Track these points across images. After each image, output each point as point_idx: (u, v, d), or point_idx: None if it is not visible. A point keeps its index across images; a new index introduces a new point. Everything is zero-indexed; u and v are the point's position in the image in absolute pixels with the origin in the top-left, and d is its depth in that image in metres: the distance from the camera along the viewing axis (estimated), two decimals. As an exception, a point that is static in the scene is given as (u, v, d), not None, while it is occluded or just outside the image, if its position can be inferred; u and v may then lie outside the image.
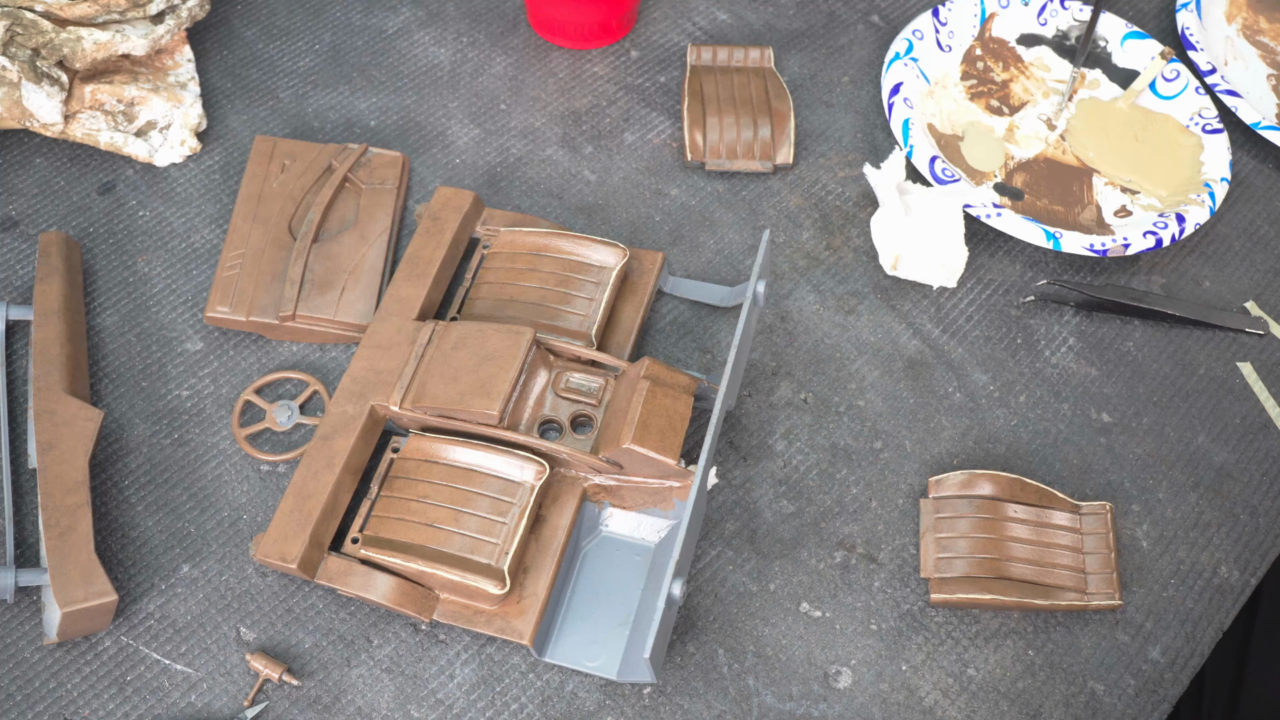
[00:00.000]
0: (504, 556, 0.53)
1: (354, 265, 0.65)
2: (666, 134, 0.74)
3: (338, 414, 0.58)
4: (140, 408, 0.62)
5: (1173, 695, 0.56)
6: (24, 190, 0.70)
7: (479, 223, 0.67)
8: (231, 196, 0.70)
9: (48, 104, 0.66)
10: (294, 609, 0.57)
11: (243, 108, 0.74)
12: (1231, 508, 0.61)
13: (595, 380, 0.58)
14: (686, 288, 0.67)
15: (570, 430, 0.58)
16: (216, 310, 0.63)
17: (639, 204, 0.71)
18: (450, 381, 0.57)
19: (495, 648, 0.56)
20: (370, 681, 0.55)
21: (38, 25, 0.66)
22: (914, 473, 0.62)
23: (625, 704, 0.55)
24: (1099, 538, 0.58)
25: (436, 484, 0.55)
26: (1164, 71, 0.76)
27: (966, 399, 0.64)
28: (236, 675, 0.55)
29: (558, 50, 0.78)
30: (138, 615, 0.56)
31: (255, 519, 0.59)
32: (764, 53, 0.75)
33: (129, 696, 0.54)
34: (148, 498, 0.59)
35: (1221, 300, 0.69)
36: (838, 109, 0.76)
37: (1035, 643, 0.57)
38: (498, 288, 0.63)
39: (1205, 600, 0.58)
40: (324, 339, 0.64)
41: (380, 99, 0.75)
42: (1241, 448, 0.63)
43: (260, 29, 0.78)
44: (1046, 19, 0.80)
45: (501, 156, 0.73)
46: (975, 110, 0.77)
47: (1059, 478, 0.62)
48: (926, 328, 0.66)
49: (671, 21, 0.80)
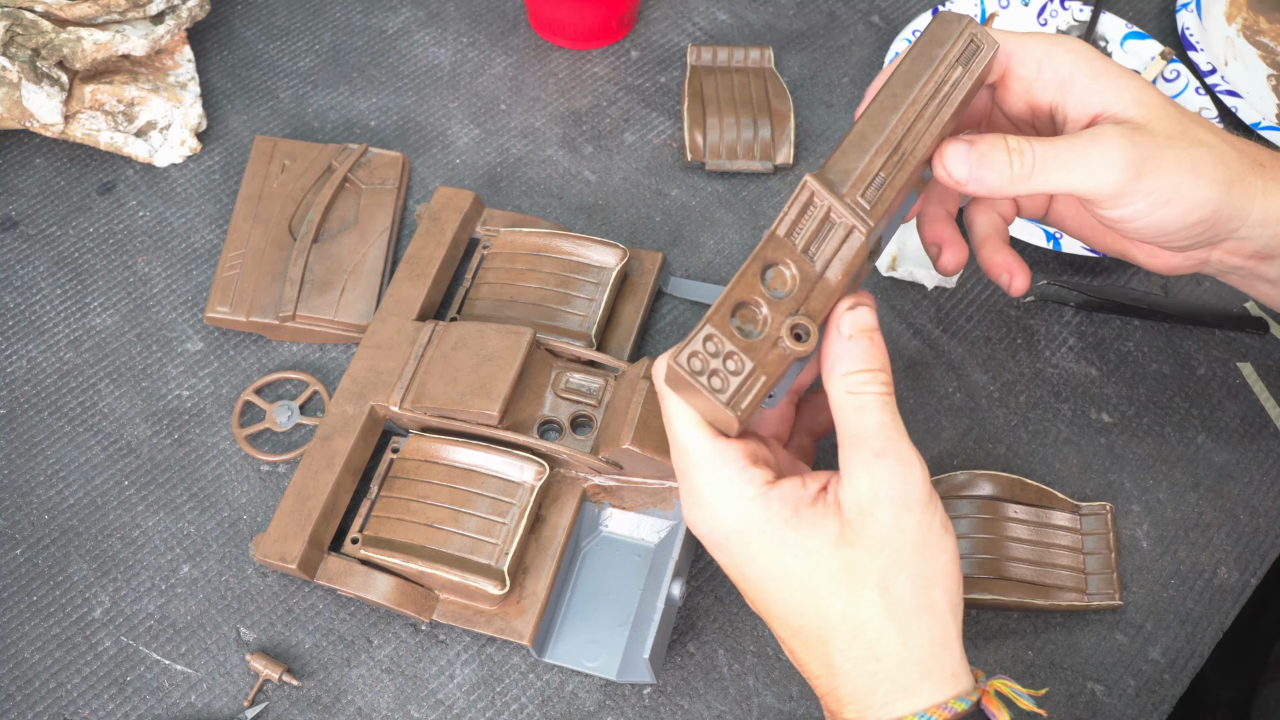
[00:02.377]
0: (504, 557, 0.53)
1: (354, 265, 0.65)
2: (666, 134, 0.74)
3: (338, 414, 0.58)
4: (140, 408, 0.62)
5: (1173, 695, 0.56)
6: (24, 190, 0.70)
7: (479, 223, 0.67)
8: (231, 196, 0.70)
9: (48, 104, 0.66)
10: (294, 609, 0.57)
11: (243, 108, 0.74)
12: (1231, 508, 0.61)
13: (595, 381, 0.58)
14: (686, 288, 0.67)
15: (570, 431, 0.58)
16: (216, 310, 0.63)
17: (639, 204, 0.71)
18: (450, 382, 0.57)
19: (495, 648, 0.56)
20: (370, 681, 0.55)
21: (38, 25, 0.66)
22: (914, 473, 0.62)
23: (625, 704, 0.55)
24: (1099, 538, 0.58)
25: (436, 484, 0.55)
26: (1164, 71, 0.76)
27: (966, 399, 0.64)
28: (236, 675, 0.55)
29: (558, 50, 0.78)
30: (138, 615, 0.56)
31: (255, 519, 0.59)
32: (764, 53, 0.75)
33: (129, 696, 0.54)
34: (148, 498, 0.60)
35: (1221, 300, 0.69)
36: (838, 109, 0.76)
37: (1035, 643, 0.57)
38: (498, 288, 0.63)
39: (1205, 600, 0.58)
40: (324, 339, 0.64)
41: (380, 99, 0.75)
42: (1241, 448, 0.63)
43: (260, 29, 0.78)
44: (1046, 19, 0.80)
45: (501, 157, 0.73)
46: (975, 110, 0.77)
47: (1059, 478, 0.62)
48: (926, 328, 0.66)
49: (671, 21, 0.80)
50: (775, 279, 0.42)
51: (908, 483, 0.40)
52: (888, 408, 0.41)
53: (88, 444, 0.61)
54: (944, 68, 0.44)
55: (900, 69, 0.44)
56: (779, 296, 0.41)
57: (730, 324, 0.41)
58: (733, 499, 0.41)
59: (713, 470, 0.41)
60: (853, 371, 0.41)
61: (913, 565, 0.40)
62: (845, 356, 0.41)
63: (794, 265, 0.42)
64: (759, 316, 0.41)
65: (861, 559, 0.39)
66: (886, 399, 0.41)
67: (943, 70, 0.44)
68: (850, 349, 0.41)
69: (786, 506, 0.40)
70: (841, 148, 0.43)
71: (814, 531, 0.40)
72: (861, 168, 0.43)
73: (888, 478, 0.40)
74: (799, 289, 0.42)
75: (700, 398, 0.40)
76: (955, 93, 0.44)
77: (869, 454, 0.40)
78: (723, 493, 0.41)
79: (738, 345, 0.40)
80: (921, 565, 0.40)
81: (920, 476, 0.40)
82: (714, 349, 0.40)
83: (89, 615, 0.56)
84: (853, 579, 0.39)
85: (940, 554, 0.41)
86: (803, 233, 0.42)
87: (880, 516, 0.40)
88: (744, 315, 0.41)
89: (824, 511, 0.40)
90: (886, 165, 0.43)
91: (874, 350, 0.42)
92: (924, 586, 0.40)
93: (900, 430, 0.41)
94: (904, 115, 0.43)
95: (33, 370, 0.63)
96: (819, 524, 0.40)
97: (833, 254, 0.42)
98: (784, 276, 0.42)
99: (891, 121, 0.43)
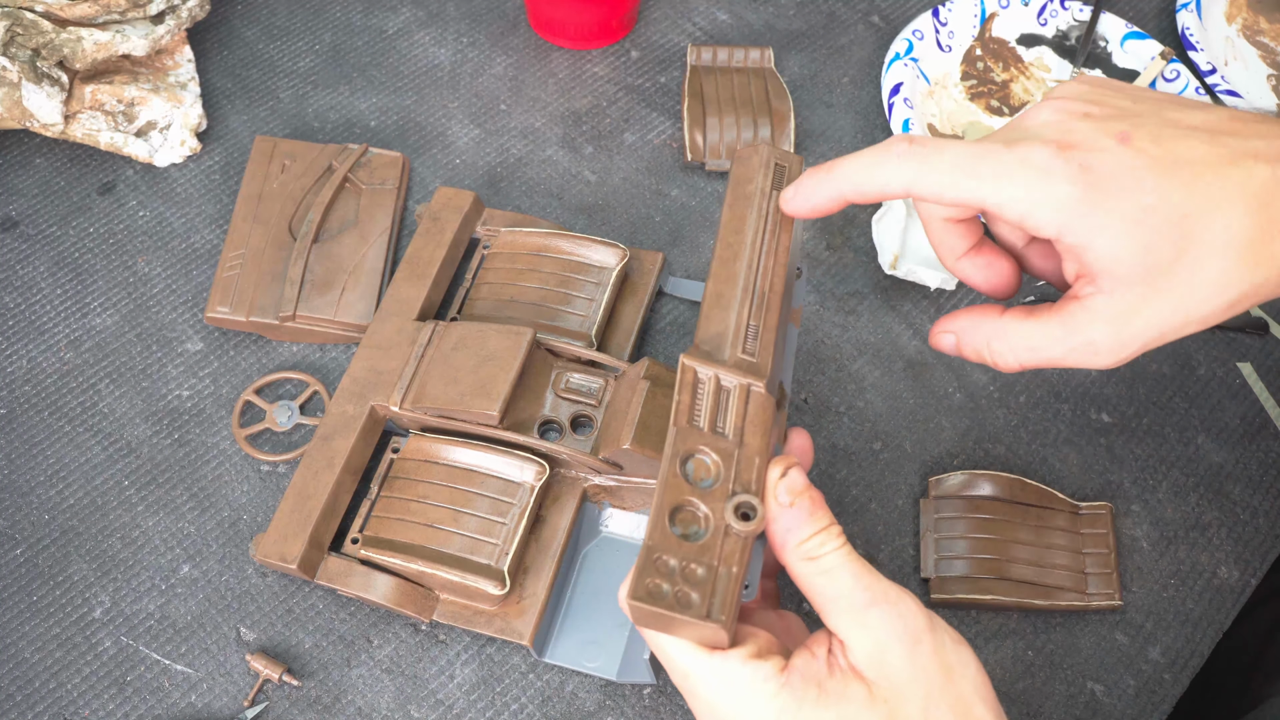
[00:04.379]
0: (504, 557, 0.53)
1: (354, 265, 0.65)
2: (666, 134, 0.74)
3: (338, 414, 0.58)
4: (140, 408, 0.62)
5: (1173, 695, 0.56)
6: (24, 190, 0.70)
7: (479, 223, 0.67)
8: (231, 196, 0.70)
9: (48, 104, 0.66)
10: (294, 609, 0.57)
11: (243, 108, 0.74)
12: (1231, 508, 0.61)
13: (595, 381, 0.58)
14: (686, 288, 0.67)
15: (570, 431, 0.58)
16: (216, 310, 0.63)
17: (639, 204, 0.71)
18: (450, 382, 0.57)
19: (495, 648, 0.56)
20: (370, 682, 0.55)
21: (38, 25, 0.66)
22: (914, 473, 0.62)
23: (625, 704, 0.55)
24: (1099, 538, 0.58)
25: (436, 484, 0.55)
26: (1164, 72, 0.76)
27: (966, 399, 0.64)
28: (236, 675, 0.55)
29: (558, 50, 0.78)
30: (138, 615, 0.56)
31: (255, 519, 0.59)
32: (764, 53, 0.75)
33: (129, 696, 0.54)
34: (148, 498, 0.60)
35: (1221, 300, 0.69)
36: (838, 109, 0.76)
37: (1035, 643, 0.57)
38: (498, 288, 0.63)
39: (1205, 600, 0.58)
40: (324, 339, 0.64)
41: (380, 99, 0.75)
42: (1241, 448, 0.63)
43: (260, 29, 0.78)
44: (1046, 19, 0.80)
45: (501, 157, 0.73)
46: (975, 110, 0.77)
47: (1059, 478, 0.62)
48: (926, 328, 0.66)
49: (671, 21, 0.80)
50: (698, 470, 0.39)
51: (906, 619, 0.39)
52: (851, 558, 0.39)
53: (88, 444, 0.61)
54: (761, 200, 0.44)
55: (725, 219, 0.44)
56: (708, 486, 0.39)
57: (673, 534, 0.38)
58: (755, 705, 0.39)
59: (722, 686, 0.39)
60: (806, 539, 0.40)
61: (947, 693, 0.39)
62: (794, 527, 0.40)
63: (709, 448, 0.40)
64: (699, 515, 0.39)
65: (898, 709, 0.38)
66: (847, 551, 0.40)
67: (761, 203, 0.44)
68: (796, 517, 0.40)
69: (810, 686, 0.39)
70: (703, 314, 0.42)
71: (845, 702, 0.39)
72: (732, 326, 0.41)
73: (886, 624, 0.39)
74: (724, 470, 0.40)
75: (678, 625, 0.38)
76: (782, 216, 0.44)
77: (857, 610, 0.39)
78: (742, 703, 0.39)
79: (689, 553, 0.38)
80: (953, 689, 0.39)
81: (914, 607, 0.39)
82: (667, 567, 0.37)
83: (89, 615, 0.56)
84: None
85: (966, 668, 0.40)
86: (703, 412, 0.40)
87: (895, 663, 0.38)
88: (683, 520, 0.39)
89: (844, 679, 0.39)
90: (754, 312, 0.42)
91: (817, 509, 0.40)
92: (965, 708, 0.39)
93: (873, 572, 0.40)
94: (749, 259, 0.43)
95: (33, 370, 0.63)
96: (845, 693, 0.39)
97: (741, 419, 0.40)
98: (705, 464, 0.40)
99: (740, 271, 0.43)
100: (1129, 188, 0.38)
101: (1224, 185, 0.38)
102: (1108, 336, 0.40)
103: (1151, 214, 0.38)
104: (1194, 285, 0.39)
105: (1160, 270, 0.38)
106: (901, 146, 0.40)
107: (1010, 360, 0.43)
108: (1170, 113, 0.41)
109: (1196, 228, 0.38)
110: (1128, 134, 0.39)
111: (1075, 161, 0.39)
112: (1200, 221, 0.38)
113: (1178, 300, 0.39)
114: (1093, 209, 0.38)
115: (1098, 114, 0.40)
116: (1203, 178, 0.38)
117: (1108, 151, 0.39)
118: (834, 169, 0.42)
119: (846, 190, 0.42)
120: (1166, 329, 0.40)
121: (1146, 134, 0.39)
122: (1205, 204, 0.38)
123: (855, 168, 0.41)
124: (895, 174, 0.41)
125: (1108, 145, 0.39)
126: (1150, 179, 0.38)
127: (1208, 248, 0.38)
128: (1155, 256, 0.38)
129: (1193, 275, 0.38)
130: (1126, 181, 0.38)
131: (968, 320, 0.44)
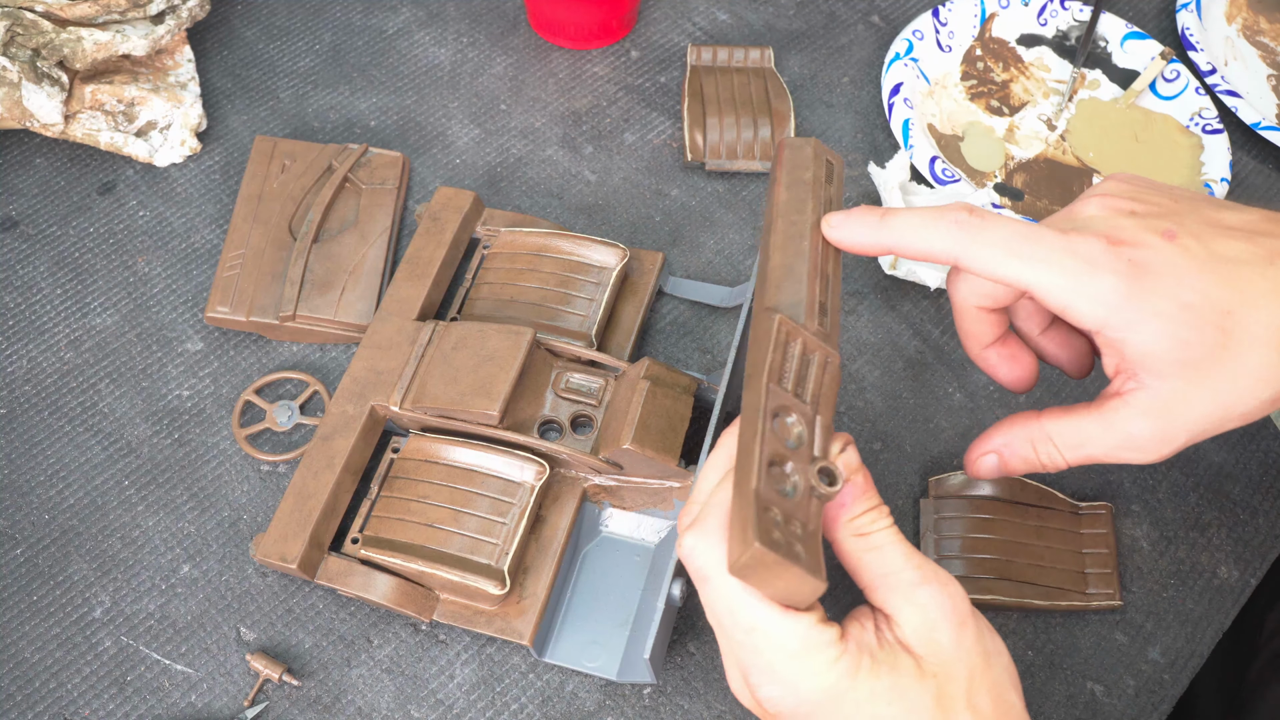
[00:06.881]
0: (504, 557, 0.53)
1: (354, 265, 0.65)
2: (666, 134, 0.74)
3: (338, 414, 0.58)
4: (140, 408, 0.62)
5: (1173, 695, 0.56)
6: (24, 190, 0.70)
7: (479, 223, 0.67)
8: (231, 196, 0.70)
9: (48, 104, 0.66)
10: (294, 609, 0.57)
11: (243, 108, 0.74)
12: (1231, 508, 0.61)
13: (595, 380, 0.58)
14: (686, 288, 0.67)
15: (570, 430, 0.58)
16: (216, 310, 0.63)
17: (639, 204, 0.71)
18: (450, 382, 0.57)
19: (495, 648, 0.56)
20: (370, 681, 0.55)
21: (38, 25, 0.66)
22: (914, 473, 0.62)
23: (625, 704, 0.55)
24: (1099, 538, 0.58)
25: (436, 484, 0.55)
26: (1164, 72, 0.76)
27: (966, 399, 0.64)
28: (236, 675, 0.55)
29: (558, 50, 0.78)
30: (138, 615, 0.56)
31: (255, 519, 0.59)
32: (764, 53, 0.75)
33: (129, 696, 0.54)
34: (148, 498, 0.60)
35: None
36: (838, 109, 0.76)
37: (1035, 643, 0.57)
38: (498, 288, 0.63)
39: (1205, 600, 0.58)
40: (324, 339, 0.64)
41: (380, 99, 0.75)
42: (1241, 448, 0.63)
43: (260, 29, 0.78)
44: (1046, 19, 0.80)
45: (501, 156, 0.73)
46: (975, 110, 0.77)
47: (1059, 478, 0.62)
48: (926, 328, 0.66)
49: (671, 21, 0.80)
50: (782, 430, 0.38)
51: (955, 601, 0.40)
52: (900, 537, 0.40)
53: (88, 444, 0.61)
54: (817, 188, 0.44)
55: (783, 199, 0.43)
56: (792, 447, 0.38)
57: (774, 488, 0.37)
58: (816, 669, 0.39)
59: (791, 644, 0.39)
60: (858, 515, 0.40)
61: (986, 676, 0.40)
62: (847, 503, 0.40)
63: (794, 409, 0.39)
64: (787, 473, 0.38)
65: (945, 686, 0.39)
66: (895, 530, 0.40)
67: (817, 190, 0.44)
68: (850, 493, 0.40)
69: (865, 655, 0.39)
70: (772, 283, 0.41)
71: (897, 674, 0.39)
72: (805, 298, 0.41)
73: (937, 603, 0.39)
74: (807, 433, 0.39)
75: (783, 578, 0.36)
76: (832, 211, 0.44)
77: (908, 587, 0.40)
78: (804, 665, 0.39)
79: (786, 509, 0.37)
80: (992, 673, 0.40)
81: (961, 591, 0.40)
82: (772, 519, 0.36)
83: (89, 615, 0.56)
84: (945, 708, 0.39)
85: (1000, 656, 0.41)
86: (790, 374, 0.39)
87: (943, 641, 0.39)
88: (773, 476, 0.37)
89: (894, 650, 0.40)
90: (823, 291, 0.42)
91: (869, 487, 0.41)
92: (1000, 693, 0.40)
93: (920, 553, 0.40)
94: (813, 240, 0.42)
95: (33, 370, 0.63)
96: (897, 664, 0.39)
97: (819, 388, 0.40)
98: (788, 425, 0.39)
99: (807, 249, 0.42)
100: (1172, 284, 0.39)
101: (1264, 282, 0.39)
102: (1147, 430, 0.41)
103: (1193, 310, 0.39)
104: (1235, 379, 0.40)
105: (1201, 365, 0.40)
106: (960, 215, 0.41)
107: (1061, 461, 0.43)
108: (1208, 212, 0.42)
109: (1237, 323, 0.39)
110: (1173, 231, 0.40)
111: (1125, 256, 0.40)
112: (1241, 317, 0.39)
113: (1219, 394, 0.40)
114: (1136, 303, 0.39)
115: (1141, 210, 0.42)
116: (1243, 275, 0.40)
117: (1154, 248, 0.40)
118: (887, 221, 0.42)
119: (894, 244, 0.43)
120: (1208, 424, 0.40)
121: (1189, 232, 0.40)
122: (1246, 300, 0.39)
123: (908, 225, 0.42)
124: (945, 241, 0.41)
125: (1154, 242, 0.40)
126: (1192, 276, 0.39)
127: (1249, 343, 0.39)
128: (1195, 351, 0.39)
129: (1234, 369, 0.40)
130: (1170, 278, 0.39)
131: (1005, 436, 0.45)
